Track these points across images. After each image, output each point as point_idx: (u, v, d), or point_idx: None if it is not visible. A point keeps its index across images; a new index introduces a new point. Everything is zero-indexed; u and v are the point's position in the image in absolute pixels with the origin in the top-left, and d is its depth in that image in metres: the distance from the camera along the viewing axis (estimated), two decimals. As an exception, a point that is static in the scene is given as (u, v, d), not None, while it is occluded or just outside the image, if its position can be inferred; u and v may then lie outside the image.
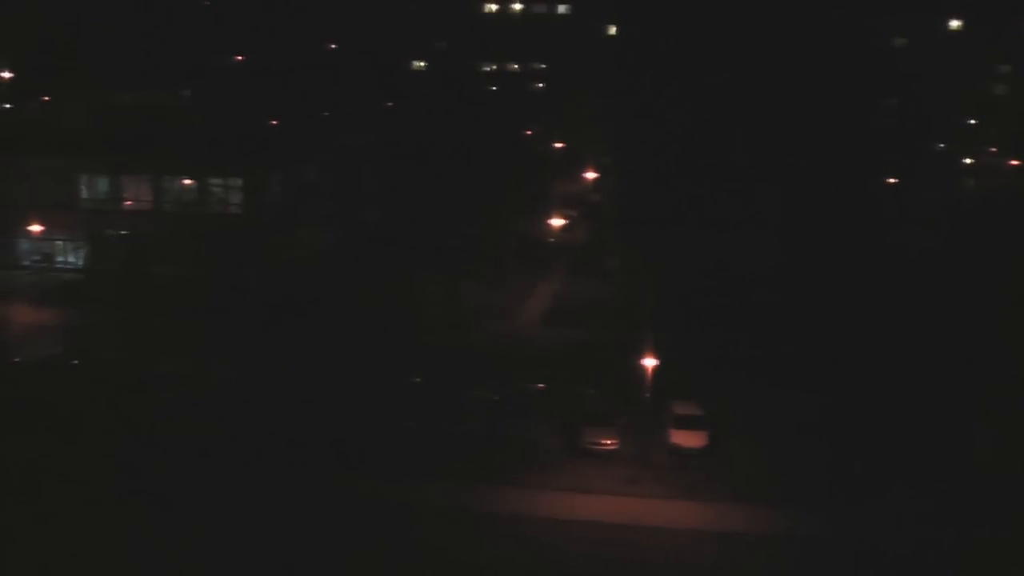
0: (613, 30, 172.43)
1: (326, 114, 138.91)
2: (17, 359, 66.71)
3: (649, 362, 56.03)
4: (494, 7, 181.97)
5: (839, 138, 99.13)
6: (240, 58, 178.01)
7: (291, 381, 62.74)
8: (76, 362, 65.79)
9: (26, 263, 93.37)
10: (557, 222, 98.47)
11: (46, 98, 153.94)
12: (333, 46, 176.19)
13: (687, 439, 55.31)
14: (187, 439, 55.25)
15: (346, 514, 48.29)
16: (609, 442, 54.99)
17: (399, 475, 52.17)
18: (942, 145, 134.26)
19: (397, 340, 70.18)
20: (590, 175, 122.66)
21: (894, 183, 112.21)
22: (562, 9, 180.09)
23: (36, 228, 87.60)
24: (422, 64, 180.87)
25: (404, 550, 45.38)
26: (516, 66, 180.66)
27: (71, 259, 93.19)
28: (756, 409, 61.08)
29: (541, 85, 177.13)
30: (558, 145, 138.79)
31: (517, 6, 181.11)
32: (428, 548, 45.61)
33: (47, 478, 50.86)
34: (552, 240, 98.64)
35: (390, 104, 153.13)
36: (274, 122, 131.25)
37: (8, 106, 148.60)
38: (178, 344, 69.21)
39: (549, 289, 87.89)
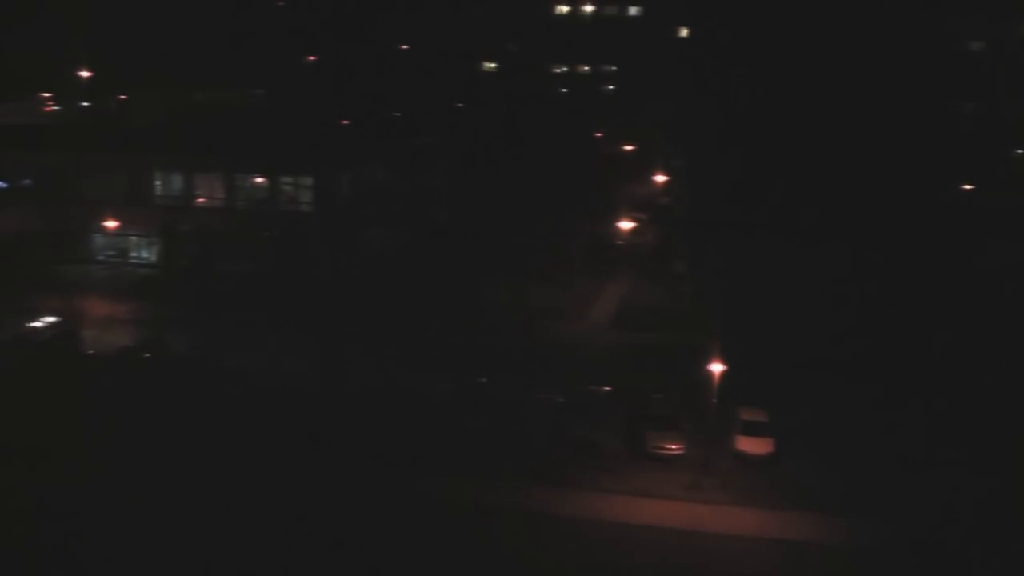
0: (684, 32, 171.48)
1: (397, 114, 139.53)
2: (91, 351, 67.79)
3: (716, 367, 55.53)
4: (565, 9, 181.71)
5: (915, 143, 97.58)
6: (312, 58, 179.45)
7: (358, 378, 63.15)
8: (148, 355, 66.82)
9: (101, 258, 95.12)
10: (626, 225, 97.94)
11: (122, 96, 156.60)
12: (404, 47, 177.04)
13: (753, 445, 54.80)
14: (254, 433, 55.93)
15: (408, 512, 48.51)
16: (674, 447, 54.67)
17: (463, 474, 52.30)
18: (1021, 151, 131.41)
19: (464, 340, 70.32)
20: (660, 178, 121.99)
21: (971, 189, 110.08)
22: (633, 11, 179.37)
23: (111, 224, 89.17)
24: (492, 65, 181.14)
25: (465, 550, 45.48)
26: (586, 68, 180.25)
27: (144, 254, 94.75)
28: (823, 416, 60.34)
29: (611, 87, 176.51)
30: (628, 147, 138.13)
31: (588, 8, 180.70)
32: (489, 549, 45.69)
33: (121, 463, 51.85)
34: (620, 243, 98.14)
35: (460, 105, 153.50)
36: (345, 122, 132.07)
37: (86, 104, 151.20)
38: (247, 339, 70.08)
39: (617, 292, 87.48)
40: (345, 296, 78.08)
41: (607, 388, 62.27)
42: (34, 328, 70.89)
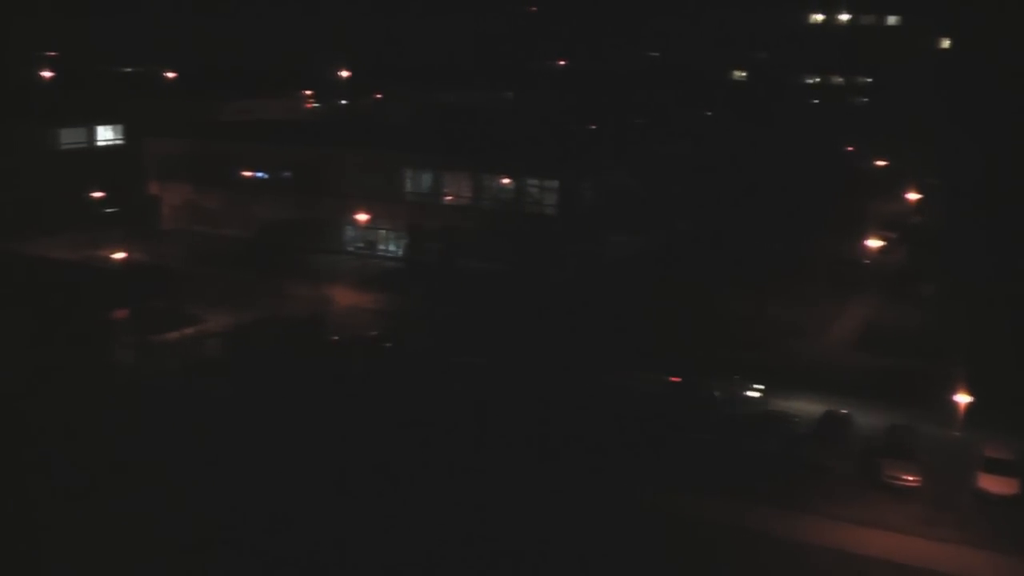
0: (945, 43, 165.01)
1: (643, 121, 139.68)
2: (336, 337, 70.75)
3: (961, 398, 53.22)
4: (819, 18, 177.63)
5: None
6: (562, 63, 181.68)
7: (590, 382, 63.50)
8: (389, 345, 69.12)
9: (351, 249, 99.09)
10: (873, 243, 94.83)
11: (378, 96, 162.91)
12: (654, 54, 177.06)
13: (996, 484, 51.98)
14: (480, 430, 57.16)
15: (632, 523, 48.46)
16: (910, 478, 52.50)
17: (688, 487, 51.89)
18: None
19: (699, 351, 69.68)
20: (912, 195, 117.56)
21: None
22: (891, 20, 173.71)
23: (362, 217, 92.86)
24: (742, 74, 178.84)
25: (686, 564, 45.15)
26: (840, 79, 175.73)
27: (391, 248, 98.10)
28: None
29: (865, 99, 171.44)
30: (879, 163, 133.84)
31: (843, 17, 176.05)
32: (710, 565, 45.21)
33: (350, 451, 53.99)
34: (867, 261, 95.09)
35: (708, 113, 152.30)
36: (592, 126, 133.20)
37: (344, 102, 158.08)
38: (486, 336, 71.54)
39: (861, 312, 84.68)
40: (582, 299, 78.79)
41: (844, 411, 60.48)
42: (285, 311, 74.75)
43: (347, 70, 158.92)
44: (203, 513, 47.38)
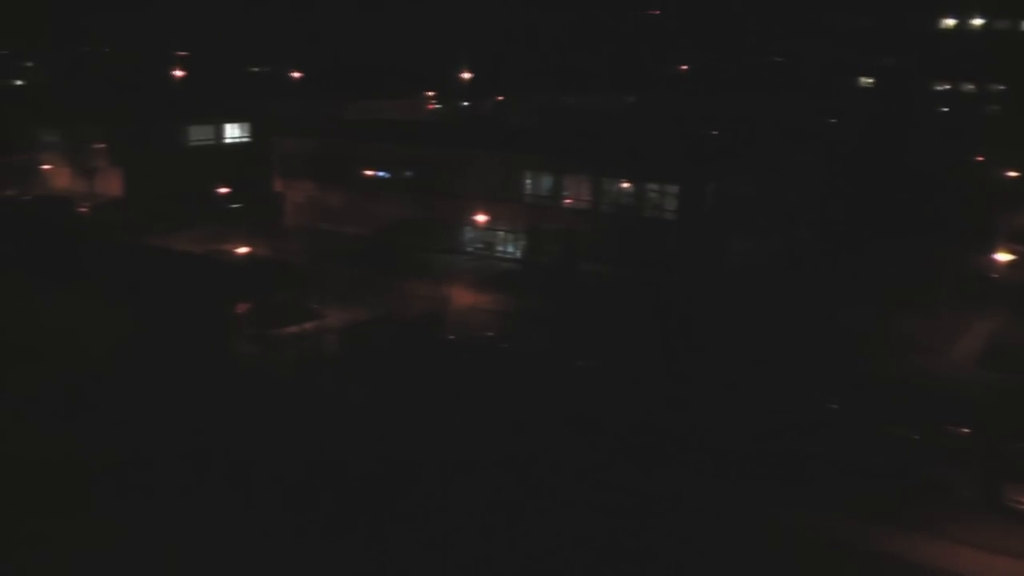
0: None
1: (766, 126, 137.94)
2: (452, 336, 71.40)
3: (1092, 421, 51.43)
4: (951, 22, 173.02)
5: None
6: (685, 67, 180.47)
7: (707, 389, 62.95)
8: (505, 346, 69.50)
9: (469, 249, 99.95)
10: (1002, 256, 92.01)
11: (499, 97, 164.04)
12: (778, 59, 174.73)
13: None
14: (591, 435, 57.00)
15: (737, 534, 47.94)
16: (1036, 503, 51.03)
17: (797, 501, 51.08)
18: None
19: (818, 362, 68.59)
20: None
21: None
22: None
23: (481, 218, 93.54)
24: (869, 80, 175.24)
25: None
26: (971, 86, 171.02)
27: (510, 249, 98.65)
28: None
29: (997, 107, 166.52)
30: (1011, 173, 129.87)
31: (977, 21, 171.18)
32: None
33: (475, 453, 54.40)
34: (995, 275, 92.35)
35: (833, 120, 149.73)
36: (714, 131, 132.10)
37: (465, 103, 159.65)
38: (600, 340, 71.46)
39: (987, 328, 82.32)
40: (700, 306, 78.22)
41: (966, 430, 58.81)
42: (403, 309, 75.76)
43: (469, 72, 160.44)
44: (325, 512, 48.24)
